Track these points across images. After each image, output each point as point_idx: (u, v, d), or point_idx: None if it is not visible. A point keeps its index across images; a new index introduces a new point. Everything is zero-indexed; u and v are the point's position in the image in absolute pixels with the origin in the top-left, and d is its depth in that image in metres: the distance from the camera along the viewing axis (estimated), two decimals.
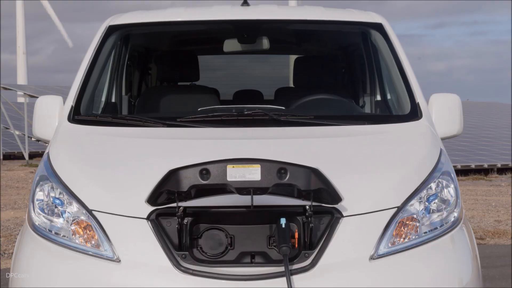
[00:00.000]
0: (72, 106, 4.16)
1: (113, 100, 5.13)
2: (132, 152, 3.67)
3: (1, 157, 24.84)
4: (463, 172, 20.84)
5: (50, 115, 4.16)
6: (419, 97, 4.23)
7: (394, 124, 4.12)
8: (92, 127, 4.01)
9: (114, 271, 3.13)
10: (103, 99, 4.91)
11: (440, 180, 3.48)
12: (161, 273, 3.09)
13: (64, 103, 4.21)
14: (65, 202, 3.35)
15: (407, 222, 3.29)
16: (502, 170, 21.96)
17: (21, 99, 30.04)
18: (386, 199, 3.31)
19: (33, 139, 25.96)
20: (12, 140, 27.80)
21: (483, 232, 10.46)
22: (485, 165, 21.99)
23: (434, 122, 4.12)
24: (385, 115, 4.72)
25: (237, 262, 3.12)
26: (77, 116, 4.12)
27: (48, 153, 3.70)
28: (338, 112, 4.63)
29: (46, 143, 4.13)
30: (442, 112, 4.17)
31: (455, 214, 3.45)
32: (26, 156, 25.54)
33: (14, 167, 23.22)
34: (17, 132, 26.88)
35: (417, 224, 3.31)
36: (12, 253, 6.38)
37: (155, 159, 3.54)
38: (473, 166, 21.75)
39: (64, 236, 3.30)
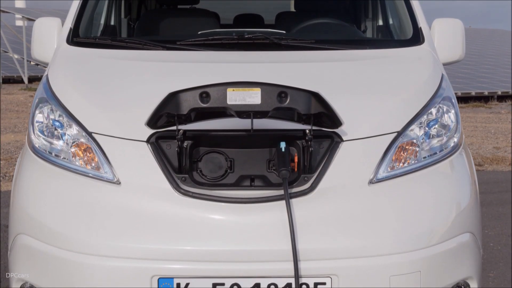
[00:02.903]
0: (71, 28, 4.12)
1: (112, 23, 5.08)
2: (131, 75, 3.64)
3: (0, 81, 24.75)
4: (463, 99, 20.85)
5: (49, 37, 4.13)
6: (421, 22, 4.19)
7: (396, 48, 4.09)
8: (91, 49, 3.98)
9: (114, 193, 3.15)
10: (102, 21, 4.86)
11: (440, 105, 3.46)
12: (161, 195, 3.10)
13: (62, 25, 4.17)
14: (65, 125, 3.35)
15: (406, 147, 3.29)
16: (502, 98, 21.96)
17: (19, 23, 29.76)
18: (386, 123, 3.30)
19: (32, 63, 25.85)
20: (11, 64, 27.67)
21: (482, 159, 10.52)
22: (486, 93, 21.98)
23: (436, 47, 4.09)
24: (387, 39, 4.68)
25: (236, 185, 3.14)
26: (76, 38, 4.08)
27: (47, 75, 3.68)
28: (339, 36, 4.59)
29: (45, 66, 4.10)
30: (445, 37, 4.14)
31: (455, 140, 3.45)
32: (26, 80, 25.48)
33: (14, 91, 23.19)
34: (16, 56, 26.75)
35: (417, 149, 3.31)
36: (12, 176, 6.41)
37: (154, 81, 3.52)
38: (473, 93, 21.74)
39: (64, 158, 3.31)
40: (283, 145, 3.11)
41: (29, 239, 3.23)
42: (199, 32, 4.31)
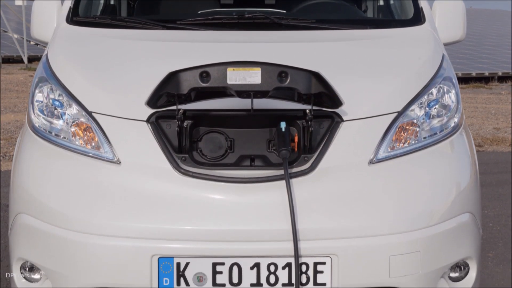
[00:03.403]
0: (70, 8, 4.10)
1: (112, 2, 5.06)
2: (131, 54, 3.63)
3: (0, 61, 24.69)
4: (463, 80, 20.81)
5: (48, 16, 4.12)
6: (422, 2, 4.17)
7: (397, 28, 4.08)
8: (91, 28, 3.96)
9: (114, 173, 3.15)
10: (102, 1, 4.84)
11: (441, 85, 3.46)
12: (161, 175, 3.10)
13: (62, 4, 4.16)
14: (65, 104, 3.34)
15: (407, 127, 3.29)
16: (503, 78, 21.92)
17: (19, 2, 29.66)
18: (387, 103, 3.30)
19: (32, 42, 25.77)
20: (11, 44, 27.58)
21: (482, 140, 10.53)
22: (486, 73, 21.92)
23: (437, 27, 4.08)
24: (388, 19, 4.66)
25: (236, 165, 3.13)
26: (75, 17, 4.07)
27: (46, 54, 3.67)
28: (340, 16, 4.57)
29: (45, 45, 4.09)
30: (446, 17, 4.13)
31: (455, 120, 3.45)
32: (25, 59, 25.40)
33: (14, 70, 23.13)
34: (15, 36, 26.65)
35: (417, 129, 3.31)
36: (12, 155, 6.42)
37: (154, 61, 3.51)
38: (474, 74, 21.69)
39: (64, 137, 3.30)
40: (283, 125, 3.10)
41: (29, 219, 3.23)
42: (199, 12, 4.30)
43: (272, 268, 3.06)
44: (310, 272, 3.07)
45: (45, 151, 3.31)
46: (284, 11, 4.44)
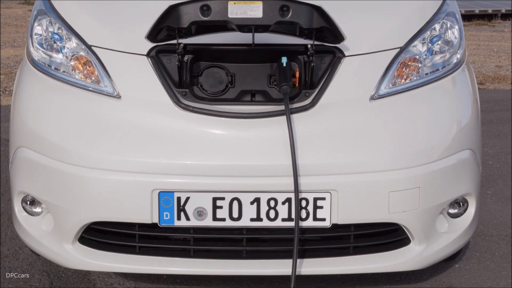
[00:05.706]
0: None
1: None
2: None
3: None
4: (466, 17, 20.65)
5: None
6: None
7: None
8: None
9: (114, 107, 3.14)
10: None
11: (444, 21, 3.42)
12: (161, 109, 3.09)
13: None
14: (64, 38, 3.31)
15: (409, 63, 3.27)
16: (506, 16, 21.75)
17: None
18: (389, 39, 3.27)
19: None
20: None
21: (484, 77, 10.50)
22: (489, 11, 21.75)
23: None
24: None
25: (237, 100, 3.12)
26: None
27: None
28: None
29: None
30: None
31: (458, 56, 3.42)
32: None
33: (12, 5, 22.93)
34: None
35: (419, 65, 3.29)
36: (12, 90, 6.40)
37: None
38: (477, 11, 21.52)
39: (64, 71, 3.28)
40: (284, 60, 3.08)
41: (29, 152, 3.23)
42: None
43: (272, 203, 3.07)
44: (310, 208, 3.08)
45: (44, 84, 3.29)
46: None
